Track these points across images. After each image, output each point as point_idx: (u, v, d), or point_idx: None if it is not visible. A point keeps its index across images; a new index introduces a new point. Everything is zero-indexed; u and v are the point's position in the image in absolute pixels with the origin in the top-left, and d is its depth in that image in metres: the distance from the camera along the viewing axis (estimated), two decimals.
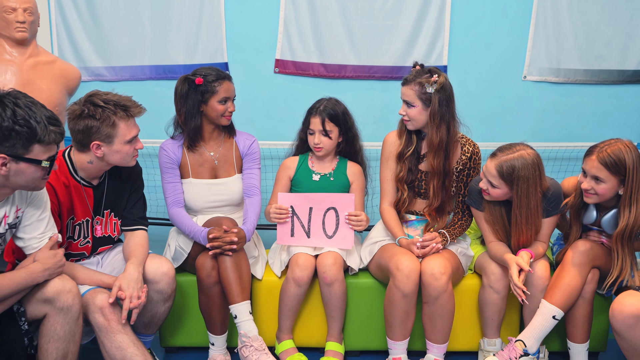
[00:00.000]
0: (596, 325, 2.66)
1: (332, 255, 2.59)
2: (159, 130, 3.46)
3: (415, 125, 2.54)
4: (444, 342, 2.45)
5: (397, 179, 2.62)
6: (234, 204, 2.78)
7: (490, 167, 2.37)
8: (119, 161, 2.29)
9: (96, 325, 2.15)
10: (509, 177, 2.34)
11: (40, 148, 1.88)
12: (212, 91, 2.60)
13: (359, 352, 2.79)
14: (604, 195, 2.32)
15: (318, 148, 2.69)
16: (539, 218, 2.43)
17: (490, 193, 2.41)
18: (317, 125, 2.67)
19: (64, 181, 2.28)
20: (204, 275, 2.47)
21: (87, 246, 2.41)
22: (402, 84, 2.53)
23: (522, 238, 2.45)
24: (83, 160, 2.29)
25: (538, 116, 3.76)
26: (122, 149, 2.25)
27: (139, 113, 2.28)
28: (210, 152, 2.74)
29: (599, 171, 2.27)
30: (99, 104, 2.19)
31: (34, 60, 2.79)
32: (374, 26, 3.63)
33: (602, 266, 2.45)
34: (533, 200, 2.37)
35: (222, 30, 3.64)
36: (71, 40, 3.65)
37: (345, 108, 2.75)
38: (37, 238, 2.09)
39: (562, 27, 3.62)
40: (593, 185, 2.31)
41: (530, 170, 2.33)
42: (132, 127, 2.27)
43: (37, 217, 2.09)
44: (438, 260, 2.41)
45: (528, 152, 2.35)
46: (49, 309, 2.03)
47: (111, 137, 2.21)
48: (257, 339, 2.36)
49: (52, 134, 1.88)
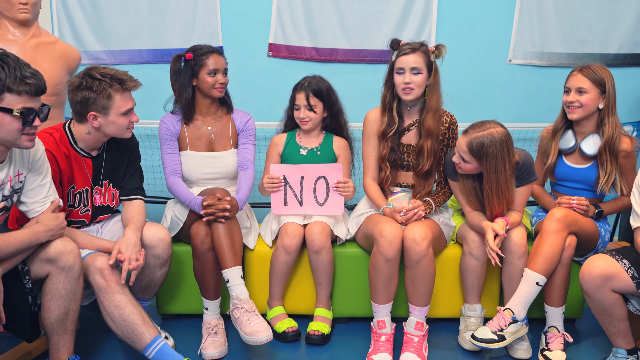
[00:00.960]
0: (573, 292, 2.78)
1: (319, 225, 2.72)
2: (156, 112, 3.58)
3: (416, 94, 2.64)
4: (426, 304, 2.57)
5: (379, 158, 2.74)
6: (228, 177, 2.90)
7: (462, 143, 2.49)
8: (114, 132, 2.42)
9: (96, 285, 2.27)
10: (479, 154, 2.46)
11: (12, 97, 1.94)
12: (201, 64, 2.73)
13: (346, 318, 2.93)
14: (588, 106, 2.61)
15: (304, 122, 2.82)
16: (510, 192, 2.54)
17: (462, 167, 2.53)
18: (302, 100, 2.79)
19: (65, 151, 2.40)
20: (198, 242, 2.59)
21: (87, 214, 2.53)
22: (406, 53, 2.62)
23: (495, 211, 2.56)
24: (82, 131, 2.42)
25: (523, 98, 3.88)
26: (118, 121, 2.38)
27: (134, 87, 2.41)
28: (207, 126, 2.86)
29: (582, 82, 2.61)
30: (96, 76, 2.32)
31: (36, 41, 2.91)
32: (364, 11, 3.76)
33: (579, 232, 2.58)
34: (502, 176, 2.49)
35: (217, 15, 3.76)
36: (71, 25, 3.77)
37: (329, 85, 2.87)
38: (39, 202, 2.22)
39: (545, 12, 3.74)
40: (577, 97, 2.60)
41: (498, 147, 2.44)
42: (127, 99, 2.40)
43: (39, 183, 2.21)
44: (419, 226, 2.53)
45: (497, 130, 2.47)
46: (52, 268, 2.16)
47: (107, 108, 2.34)
48: (247, 302, 2.48)
49: (23, 85, 1.93)
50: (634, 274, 2.26)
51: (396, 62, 2.64)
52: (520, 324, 2.50)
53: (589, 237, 2.63)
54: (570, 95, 2.65)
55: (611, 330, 2.39)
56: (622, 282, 2.27)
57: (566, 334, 2.59)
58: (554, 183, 2.84)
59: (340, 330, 2.86)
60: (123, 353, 2.64)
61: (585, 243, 2.63)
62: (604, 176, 2.63)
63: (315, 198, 2.78)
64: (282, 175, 2.78)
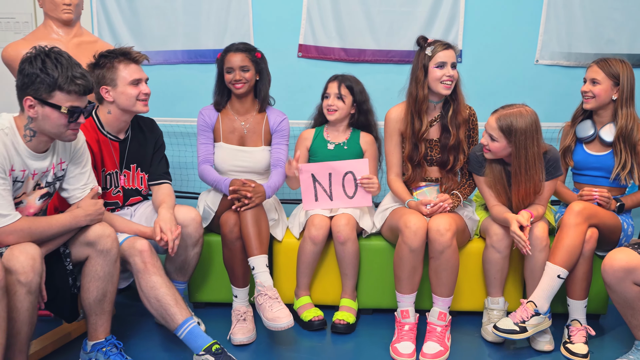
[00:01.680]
0: (597, 289, 2.81)
1: (345, 217, 2.80)
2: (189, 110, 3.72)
3: (452, 88, 2.73)
4: (449, 295, 2.62)
5: (405, 157, 2.82)
6: (257, 172, 3.01)
7: (491, 120, 2.57)
8: (127, 104, 2.54)
9: (135, 267, 2.40)
10: (508, 130, 2.52)
11: (62, 95, 2.08)
12: (222, 62, 2.91)
13: (371, 310, 3.00)
14: (600, 97, 2.73)
15: (331, 111, 2.91)
16: (537, 172, 2.59)
17: (490, 148, 2.59)
18: (334, 88, 2.90)
19: (94, 136, 2.57)
20: (227, 230, 2.70)
21: (119, 195, 2.68)
22: (446, 48, 2.71)
23: (521, 190, 2.61)
24: (104, 112, 2.59)
25: (550, 98, 3.90)
26: (126, 91, 2.53)
27: (139, 58, 2.57)
28: (241, 122, 2.98)
29: (597, 74, 2.74)
30: (104, 54, 2.53)
31: (78, 40, 3.06)
32: (392, 12, 3.83)
33: (600, 225, 2.61)
34: (530, 152, 2.55)
35: (249, 17, 3.88)
36: (110, 27, 3.93)
37: (362, 86, 2.98)
38: (80, 189, 2.35)
39: (573, 12, 3.77)
40: (591, 87, 2.74)
41: (527, 123, 2.52)
42: (134, 71, 2.54)
43: (79, 170, 2.35)
44: (444, 218, 2.59)
45: (526, 109, 2.56)
46: (91, 251, 2.29)
47: (114, 80, 2.51)
48: (271, 289, 2.58)
49: (73, 85, 2.07)
50: None
51: (435, 57, 2.69)
52: (542, 317, 2.54)
53: (611, 230, 2.65)
54: (585, 85, 2.79)
55: (633, 323, 2.41)
56: None
57: (589, 327, 2.61)
58: (575, 174, 2.89)
59: (365, 321, 2.93)
60: (157, 336, 2.76)
61: (607, 237, 2.66)
62: (618, 164, 2.71)
63: (345, 192, 2.87)
64: (311, 173, 2.86)
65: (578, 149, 2.87)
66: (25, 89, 2.08)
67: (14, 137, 2.12)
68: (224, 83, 2.94)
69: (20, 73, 2.09)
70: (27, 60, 2.08)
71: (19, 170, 2.14)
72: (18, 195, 2.20)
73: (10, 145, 2.11)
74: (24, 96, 2.09)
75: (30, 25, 3.98)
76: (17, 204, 2.21)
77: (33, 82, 2.06)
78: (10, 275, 2.00)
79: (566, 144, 2.90)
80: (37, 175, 2.22)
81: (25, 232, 2.11)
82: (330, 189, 2.88)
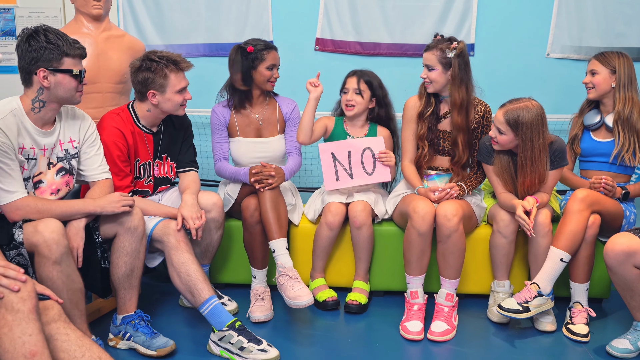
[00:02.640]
0: (600, 273, 2.93)
1: (362, 203, 2.95)
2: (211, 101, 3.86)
3: (435, 87, 2.87)
4: (456, 277, 2.76)
5: (418, 137, 2.95)
6: (275, 160, 3.14)
7: (499, 114, 2.69)
8: (170, 108, 2.73)
9: (169, 244, 2.57)
10: (515, 123, 2.65)
11: (70, 60, 2.32)
12: (261, 58, 2.97)
13: (383, 292, 3.15)
14: (600, 85, 2.91)
15: (349, 107, 3.04)
16: (542, 163, 2.71)
17: (498, 140, 2.72)
18: (353, 83, 3.03)
19: (130, 129, 2.73)
20: (248, 215, 2.86)
21: (150, 184, 2.85)
22: (424, 51, 2.87)
23: (527, 181, 2.74)
24: (143, 109, 2.74)
25: (560, 91, 3.98)
26: (173, 98, 2.69)
27: (187, 67, 2.72)
28: (255, 114, 3.12)
29: (595, 65, 2.93)
30: (154, 59, 2.66)
31: (107, 34, 3.22)
32: (406, 7, 3.94)
33: (602, 211, 2.74)
34: (536, 145, 2.67)
35: (268, 12, 4.02)
36: (135, 21, 4.09)
37: (380, 80, 3.11)
38: (96, 170, 2.57)
39: (584, 6, 3.84)
40: (591, 78, 2.93)
41: (533, 117, 2.64)
42: (182, 79, 2.70)
43: (94, 152, 2.57)
44: (451, 204, 2.73)
45: (532, 103, 2.68)
46: (119, 228, 2.48)
47: (164, 86, 2.66)
48: (291, 270, 2.73)
49: (76, 49, 2.33)
50: None
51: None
52: (545, 298, 2.67)
53: (613, 217, 2.77)
54: (586, 77, 2.98)
55: (632, 304, 2.53)
56: None
57: (589, 309, 2.74)
58: (582, 161, 3.02)
59: (376, 302, 3.08)
60: (180, 314, 2.94)
61: (609, 223, 2.77)
62: (618, 145, 2.86)
63: (364, 169, 3.00)
64: (331, 152, 2.99)
65: (585, 136, 3.01)
66: (35, 63, 2.29)
67: (22, 117, 2.32)
68: (250, 77, 3.00)
69: (24, 52, 2.30)
70: (26, 40, 2.30)
71: (29, 148, 2.34)
72: (35, 174, 2.40)
73: (20, 125, 2.31)
74: (35, 70, 2.30)
75: (59, 20, 4.16)
76: (38, 184, 2.41)
77: (42, 55, 2.28)
78: (36, 248, 2.19)
79: (574, 133, 3.04)
80: (47, 151, 2.41)
81: (31, 207, 2.29)
82: (350, 167, 3.00)
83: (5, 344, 1.80)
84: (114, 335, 2.59)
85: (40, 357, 1.81)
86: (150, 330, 2.54)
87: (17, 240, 2.22)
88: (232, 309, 2.94)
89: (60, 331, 1.94)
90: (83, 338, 1.97)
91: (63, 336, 1.94)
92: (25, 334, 1.81)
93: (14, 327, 1.81)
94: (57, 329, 1.94)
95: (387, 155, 2.98)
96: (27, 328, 1.82)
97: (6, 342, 1.80)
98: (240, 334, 2.47)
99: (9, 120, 2.27)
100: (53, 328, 1.94)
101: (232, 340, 2.45)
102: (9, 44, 4.14)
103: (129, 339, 2.54)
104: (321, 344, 2.66)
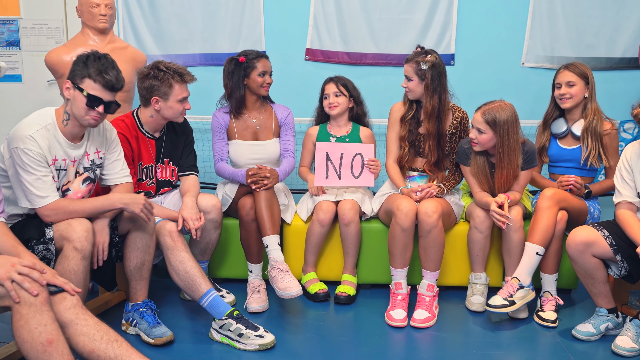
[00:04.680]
0: (569, 265, 3.17)
1: (350, 202, 3.20)
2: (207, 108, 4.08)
3: (413, 95, 3.14)
4: (436, 269, 3.01)
5: (400, 138, 3.21)
6: (271, 162, 3.38)
7: (477, 116, 2.95)
8: (171, 115, 2.95)
9: (165, 245, 2.78)
10: (493, 121, 2.91)
11: (89, 82, 2.42)
12: (252, 66, 3.22)
13: (369, 285, 3.39)
14: (577, 96, 3.12)
15: (333, 107, 3.31)
16: (517, 157, 2.96)
17: (479, 140, 2.96)
18: (332, 88, 3.31)
19: (134, 134, 2.96)
20: (244, 213, 3.10)
21: (152, 186, 3.08)
22: (404, 63, 3.13)
23: (504, 173, 2.98)
24: (146, 115, 2.97)
25: (534, 98, 4.21)
26: (174, 106, 2.92)
27: (191, 80, 2.95)
28: (253, 119, 3.36)
29: (571, 77, 3.12)
30: (162, 68, 2.89)
31: (111, 46, 3.45)
32: (391, 19, 4.19)
33: (569, 208, 3.00)
34: (512, 139, 2.93)
35: (261, 24, 4.25)
36: (135, 33, 4.31)
37: (353, 83, 3.40)
38: (118, 174, 2.76)
39: (555, 19, 4.12)
40: (568, 89, 3.12)
41: (508, 115, 2.91)
42: (184, 90, 2.94)
43: (116, 157, 2.76)
44: (431, 202, 2.98)
45: (505, 103, 2.96)
46: (131, 226, 2.70)
47: (167, 95, 2.89)
48: (282, 264, 2.96)
49: (100, 77, 2.41)
50: (612, 242, 2.66)
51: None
52: (527, 289, 2.91)
53: (579, 213, 3.03)
54: (562, 89, 3.15)
55: (594, 292, 2.79)
56: (601, 248, 2.68)
57: (558, 297, 3.00)
58: (550, 166, 3.27)
59: (364, 294, 3.33)
60: (180, 307, 3.16)
61: (575, 219, 3.03)
62: (585, 151, 3.11)
63: (352, 172, 3.25)
64: (325, 152, 3.24)
65: (552, 144, 3.25)
66: (70, 75, 2.48)
67: (55, 131, 2.50)
68: (244, 85, 3.25)
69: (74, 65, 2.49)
70: (81, 56, 2.48)
71: (61, 160, 2.53)
72: (64, 183, 2.60)
73: (53, 139, 2.49)
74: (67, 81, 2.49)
75: (61, 31, 4.36)
76: (65, 192, 2.60)
77: (74, 70, 2.47)
78: (67, 243, 2.40)
79: (541, 143, 3.28)
80: (75, 162, 2.60)
81: (62, 209, 2.48)
82: (340, 168, 3.25)
83: (23, 335, 2.00)
84: (125, 321, 2.82)
85: (57, 344, 2.01)
86: (154, 319, 2.74)
87: (47, 237, 2.43)
88: (230, 301, 3.17)
89: (79, 316, 2.15)
90: (100, 323, 2.19)
91: (82, 321, 2.15)
92: (41, 324, 2.00)
93: (29, 320, 1.99)
94: (76, 314, 2.14)
95: (375, 164, 3.24)
96: (42, 319, 2.01)
97: (24, 333, 2.00)
98: (239, 321, 2.68)
99: (42, 133, 2.45)
100: (72, 313, 2.14)
101: (232, 328, 2.67)
102: (12, 54, 4.34)
103: (135, 325, 2.76)
104: (313, 331, 2.89)
